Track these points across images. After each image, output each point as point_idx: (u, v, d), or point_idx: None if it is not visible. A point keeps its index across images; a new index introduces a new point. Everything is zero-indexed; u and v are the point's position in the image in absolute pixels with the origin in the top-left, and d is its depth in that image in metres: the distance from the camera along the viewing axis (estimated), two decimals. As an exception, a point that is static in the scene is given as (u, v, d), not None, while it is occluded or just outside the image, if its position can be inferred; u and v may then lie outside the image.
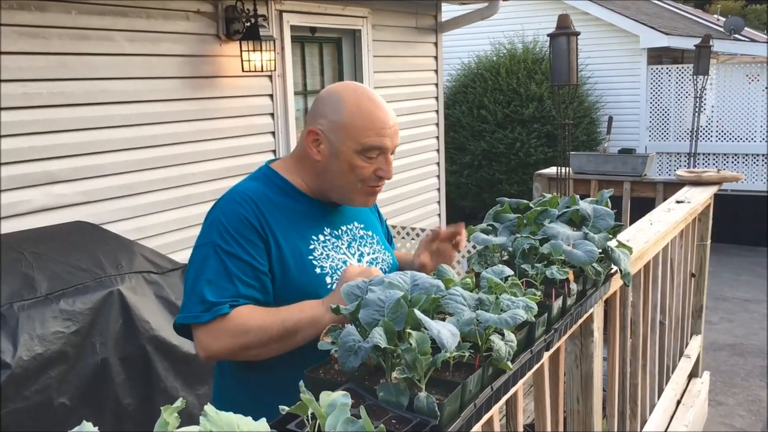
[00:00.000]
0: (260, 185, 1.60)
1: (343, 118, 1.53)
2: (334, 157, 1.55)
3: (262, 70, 4.33)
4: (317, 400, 0.92)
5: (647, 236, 2.66)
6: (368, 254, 1.67)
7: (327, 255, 1.58)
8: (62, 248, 2.63)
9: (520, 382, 1.38)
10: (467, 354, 1.16)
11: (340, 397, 0.93)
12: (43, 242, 2.68)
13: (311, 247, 1.56)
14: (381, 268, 1.68)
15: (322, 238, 1.60)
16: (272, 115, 4.78)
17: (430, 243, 1.70)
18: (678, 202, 3.44)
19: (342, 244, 1.63)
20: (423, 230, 5.84)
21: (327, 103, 1.56)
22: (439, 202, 6.85)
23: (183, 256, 3.87)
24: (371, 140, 1.53)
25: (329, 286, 1.54)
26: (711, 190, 3.87)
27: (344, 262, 1.60)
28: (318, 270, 1.55)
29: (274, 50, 4.39)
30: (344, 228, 1.66)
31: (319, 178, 1.60)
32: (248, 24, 4.27)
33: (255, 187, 1.59)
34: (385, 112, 1.55)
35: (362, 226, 1.71)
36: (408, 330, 1.09)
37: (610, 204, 1.95)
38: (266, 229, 1.52)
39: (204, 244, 1.52)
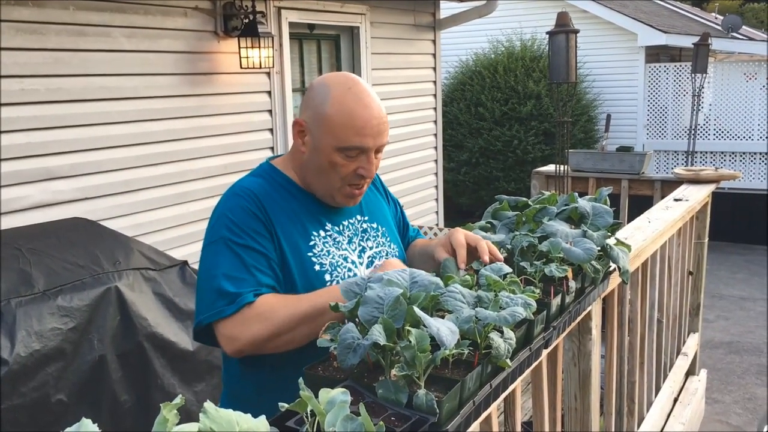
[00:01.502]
0: (261, 181, 1.59)
1: (324, 113, 1.49)
2: (315, 152, 1.53)
3: (260, 67, 4.33)
4: (316, 397, 0.91)
5: (645, 234, 2.66)
6: (371, 248, 1.66)
7: (327, 252, 1.57)
8: (59, 245, 2.62)
9: (519, 379, 1.38)
10: (466, 351, 1.16)
11: (339, 394, 0.93)
12: (41, 238, 2.67)
13: (311, 243, 1.56)
14: None
15: (323, 233, 1.58)
16: (270, 112, 4.77)
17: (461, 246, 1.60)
18: (676, 200, 3.44)
19: (343, 240, 1.61)
20: (421, 227, 5.84)
21: (315, 95, 1.53)
22: (436, 200, 6.86)
23: (181, 253, 3.88)
24: (350, 140, 1.49)
25: (328, 284, 1.53)
26: (709, 189, 3.88)
27: (344, 258, 1.59)
28: (317, 267, 1.54)
29: (272, 47, 4.39)
30: (346, 223, 1.64)
31: (304, 172, 1.58)
32: (246, 21, 4.26)
33: (256, 182, 1.58)
34: (370, 111, 1.50)
35: (366, 218, 1.69)
36: (407, 327, 1.09)
37: (608, 201, 1.95)
38: (268, 222, 1.52)
39: (214, 241, 1.50)
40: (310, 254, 1.54)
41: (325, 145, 1.50)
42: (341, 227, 1.62)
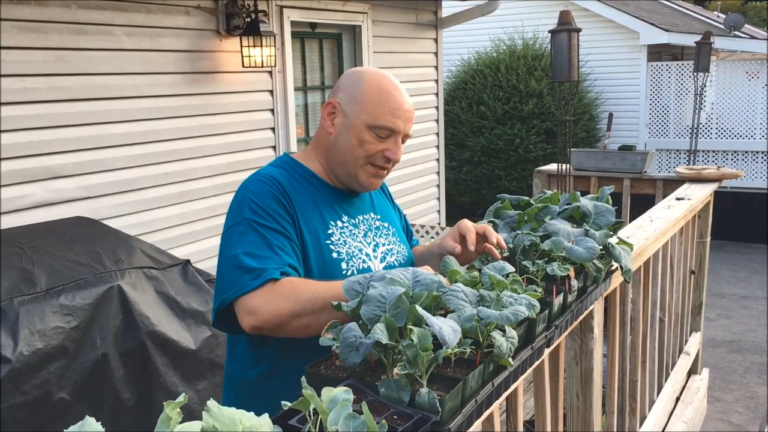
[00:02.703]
0: (282, 171, 1.62)
1: (360, 93, 1.57)
2: (346, 130, 1.58)
3: (262, 66, 4.33)
4: (319, 395, 0.92)
5: (647, 233, 2.66)
6: (383, 245, 1.69)
7: (344, 241, 1.59)
8: (62, 243, 2.62)
9: (521, 378, 1.38)
10: (468, 350, 1.16)
11: (341, 392, 0.93)
12: (43, 237, 2.68)
13: (329, 231, 1.58)
14: (396, 260, 1.69)
15: (340, 224, 1.61)
16: (272, 110, 4.77)
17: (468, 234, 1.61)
18: (678, 199, 3.44)
19: (359, 233, 1.64)
20: (423, 226, 5.84)
21: (349, 78, 1.62)
22: (438, 199, 6.86)
23: (184, 251, 3.89)
24: (384, 118, 1.56)
25: (344, 273, 1.55)
26: (711, 187, 3.87)
27: (360, 250, 1.61)
28: (334, 255, 1.56)
29: (275, 46, 4.38)
30: (361, 218, 1.68)
31: (330, 154, 1.62)
32: (248, 19, 4.26)
33: (277, 171, 1.61)
34: (403, 96, 1.59)
35: (379, 217, 1.73)
36: (409, 326, 1.09)
37: (610, 200, 1.95)
38: (291, 207, 1.54)
39: (238, 222, 1.51)
40: (328, 242, 1.57)
41: (357, 123, 1.56)
42: (357, 221, 1.66)
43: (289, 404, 0.93)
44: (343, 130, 1.59)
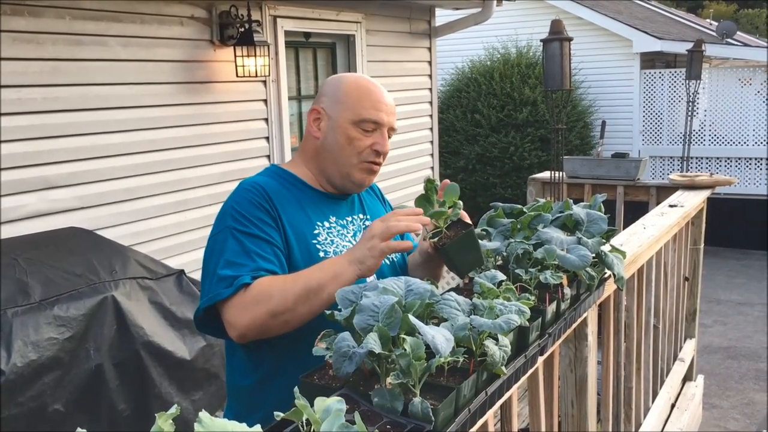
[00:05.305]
0: (268, 178, 1.65)
1: (342, 94, 1.63)
2: (332, 131, 1.62)
3: (256, 76, 4.34)
4: (312, 405, 0.92)
5: (641, 240, 2.67)
6: None
7: (331, 241, 1.62)
8: (56, 254, 2.62)
9: (515, 386, 1.39)
10: (461, 359, 1.16)
11: (334, 402, 0.93)
12: (37, 248, 2.67)
13: (316, 232, 1.60)
14: (386, 259, 1.69)
15: (327, 224, 1.64)
16: (266, 120, 4.78)
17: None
18: (671, 206, 3.45)
19: (347, 233, 1.66)
20: (417, 235, 5.84)
21: (330, 84, 1.68)
22: (433, 207, 6.85)
23: (180, 261, 3.88)
24: (367, 112, 1.61)
25: None
26: (704, 194, 3.89)
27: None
28: (321, 254, 1.58)
29: (268, 55, 4.40)
30: (350, 218, 1.70)
31: (319, 158, 1.65)
32: (242, 29, 4.27)
33: (263, 179, 1.64)
34: (382, 91, 1.65)
35: (368, 218, 1.75)
36: (402, 335, 1.10)
37: (603, 208, 1.96)
38: (274, 211, 1.56)
39: (219, 231, 1.55)
40: (314, 242, 1.59)
41: (342, 121, 1.61)
42: (345, 221, 1.68)
43: (281, 414, 0.93)
44: (329, 132, 1.63)
